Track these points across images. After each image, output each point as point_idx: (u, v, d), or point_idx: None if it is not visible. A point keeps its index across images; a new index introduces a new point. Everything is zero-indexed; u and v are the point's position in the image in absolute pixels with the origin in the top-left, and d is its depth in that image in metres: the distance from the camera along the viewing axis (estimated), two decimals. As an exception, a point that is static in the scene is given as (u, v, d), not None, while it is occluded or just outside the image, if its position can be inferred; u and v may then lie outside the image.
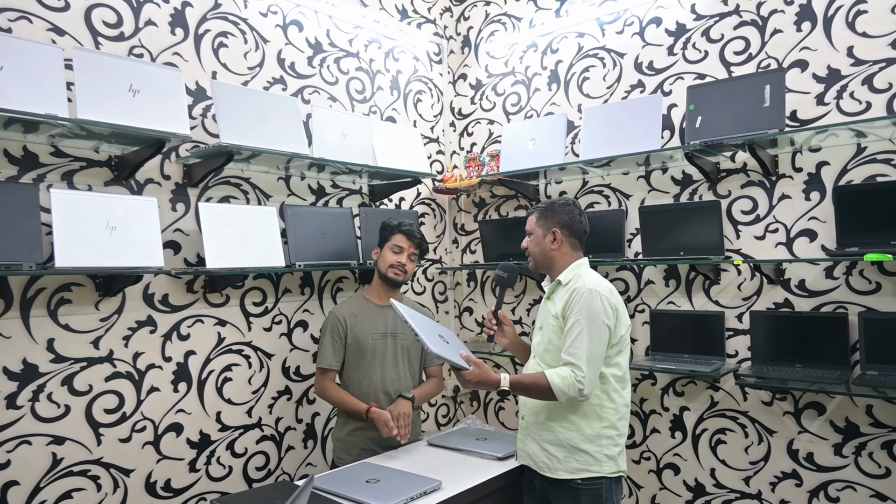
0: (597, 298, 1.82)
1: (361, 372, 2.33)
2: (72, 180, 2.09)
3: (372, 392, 2.31)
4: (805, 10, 2.40)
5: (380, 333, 2.37)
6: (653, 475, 2.80)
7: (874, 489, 2.24)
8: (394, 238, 2.38)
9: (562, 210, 2.00)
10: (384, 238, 2.41)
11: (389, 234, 2.39)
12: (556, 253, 1.97)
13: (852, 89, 2.29)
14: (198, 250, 2.39)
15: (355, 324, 2.35)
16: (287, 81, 2.75)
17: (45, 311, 2.02)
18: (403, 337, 2.41)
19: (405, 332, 2.40)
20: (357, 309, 2.39)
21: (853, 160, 2.30)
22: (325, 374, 2.34)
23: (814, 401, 2.37)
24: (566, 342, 1.82)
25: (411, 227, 2.40)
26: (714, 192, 2.63)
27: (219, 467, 2.43)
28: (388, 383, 2.34)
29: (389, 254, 2.37)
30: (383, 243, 2.41)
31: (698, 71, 2.67)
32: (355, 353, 2.34)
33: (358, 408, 2.25)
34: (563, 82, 3.14)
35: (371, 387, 2.32)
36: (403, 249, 2.37)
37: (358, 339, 2.34)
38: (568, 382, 1.75)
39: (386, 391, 2.33)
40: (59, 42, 2.06)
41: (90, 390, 2.11)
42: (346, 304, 2.43)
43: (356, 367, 2.34)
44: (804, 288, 2.39)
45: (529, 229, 2.04)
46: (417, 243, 2.41)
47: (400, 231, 2.38)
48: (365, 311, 2.39)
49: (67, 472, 2.04)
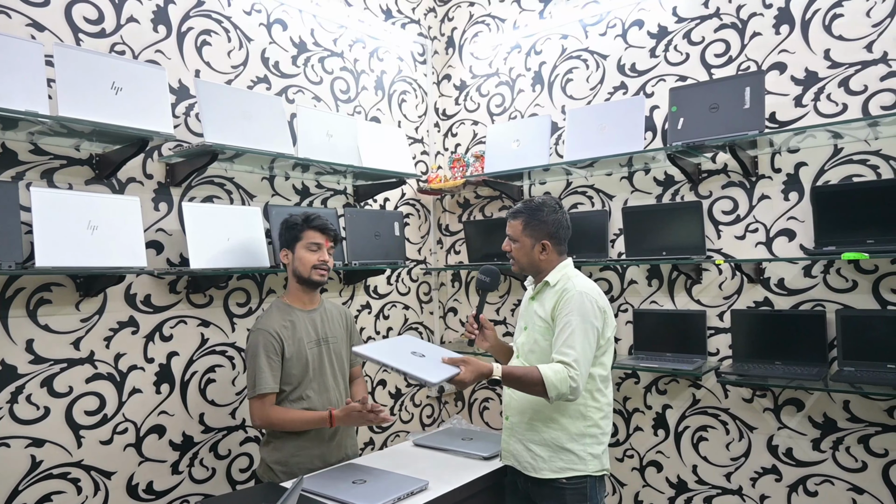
0: (586, 300, 1.83)
1: (304, 386, 2.09)
2: (52, 179, 2.06)
3: (320, 405, 2.10)
4: (783, 14, 2.45)
5: (313, 341, 2.15)
6: (636, 473, 2.82)
7: (851, 483, 2.29)
8: (306, 235, 2.12)
9: (550, 218, 1.94)
10: (293, 237, 2.14)
11: (299, 231, 2.13)
12: (544, 262, 1.96)
13: (829, 91, 2.34)
14: (181, 250, 2.36)
15: (288, 335, 2.08)
16: (271, 80, 2.73)
17: (24, 311, 1.99)
18: (334, 340, 2.21)
19: (335, 336, 2.22)
20: (285, 320, 2.11)
21: (830, 161, 2.35)
22: (264, 400, 2.01)
23: (793, 397, 2.41)
24: (558, 342, 1.82)
25: (322, 219, 2.15)
26: (695, 193, 2.66)
27: (202, 469, 2.40)
28: (331, 393, 2.16)
29: (306, 253, 2.11)
30: (293, 243, 2.14)
31: (680, 73, 2.71)
32: (295, 368, 2.08)
33: (319, 419, 2.01)
34: (547, 83, 3.16)
35: (318, 399, 2.10)
36: (321, 245, 2.13)
37: (296, 352, 2.08)
38: (561, 377, 1.73)
39: (330, 401, 2.14)
40: (38, 38, 2.03)
41: (70, 392, 2.07)
42: (270, 316, 2.11)
43: (297, 382, 2.08)
44: (783, 286, 2.44)
45: (515, 236, 1.97)
46: (333, 236, 2.17)
47: (311, 226, 2.13)
48: (294, 319, 2.12)
49: (47, 474, 2.01)
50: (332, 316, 2.26)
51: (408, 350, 1.85)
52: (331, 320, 2.24)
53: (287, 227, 2.16)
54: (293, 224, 2.15)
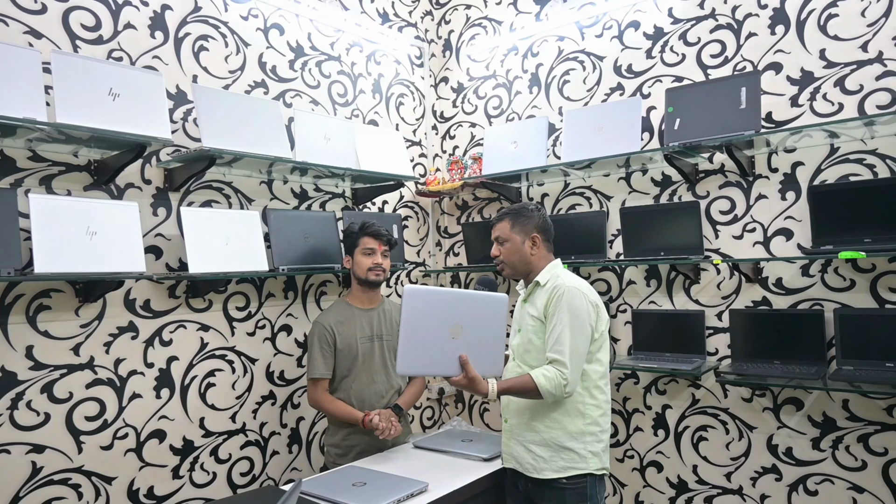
0: (577, 296, 1.85)
1: (352, 377, 2.35)
2: (50, 185, 2.06)
3: (366, 395, 2.34)
4: (779, 14, 2.45)
5: (366, 337, 2.40)
6: (636, 473, 2.83)
7: (851, 482, 2.29)
8: (362, 242, 2.39)
9: (534, 214, 2.00)
10: (352, 244, 2.42)
11: (356, 238, 2.40)
12: (535, 257, 1.99)
13: (825, 91, 2.35)
14: (180, 255, 2.37)
15: (342, 330, 2.35)
16: (268, 85, 2.74)
17: (23, 317, 1.99)
18: (389, 338, 2.44)
19: (390, 333, 2.44)
20: (342, 316, 2.40)
21: (827, 160, 2.35)
22: (317, 384, 2.34)
23: (792, 396, 2.41)
24: (550, 340, 1.83)
25: (375, 226, 2.41)
26: (693, 193, 2.67)
27: (202, 474, 2.41)
28: (378, 385, 2.37)
29: (363, 258, 2.39)
30: (352, 249, 2.42)
31: (676, 74, 2.72)
32: (345, 360, 2.35)
33: (354, 417, 2.27)
34: (544, 85, 3.17)
35: (363, 390, 2.35)
36: (375, 250, 2.39)
37: (347, 345, 2.35)
38: (554, 383, 1.77)
39: (378, 392, 2.37)
40: (36, 45, 2.04)
41: (70, 397, 2.08)
42: (330, 311, 2.42)
43: (347, 372, 2.35)
44: (781, 286, 2.44)
45: (504, 236, 2.00)
46: (387, 240, 2.42)
47: (366, 233, 2.39)
48: (349, 316, 2.40)
49: (48, 480, 2.01)
50: (390, 316, 2.49)
51: (453, 319, 1.72)
52: (388, 320, 2.48)
53: (346, 235, 2.45)
54: (350, 233, 2.43)
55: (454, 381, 1.77)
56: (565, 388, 1.77)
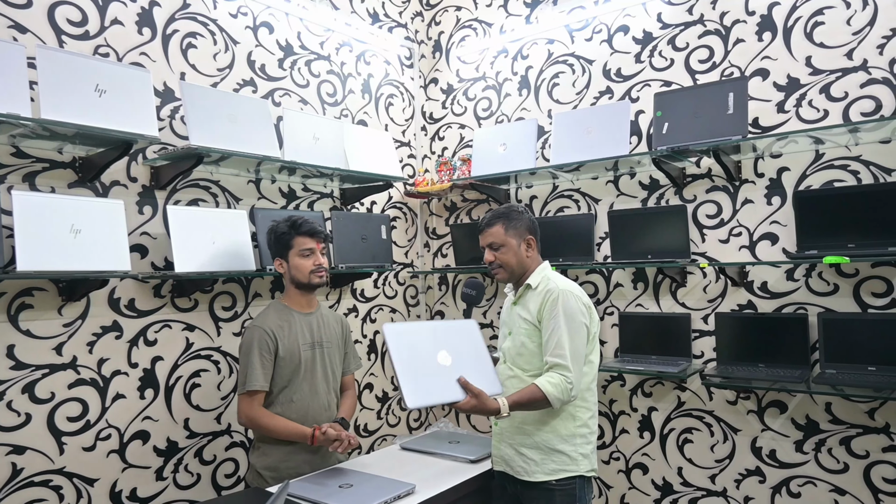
0: (571, 299, 1.86)
1: (293, 388, 2.10)
2: (34, 182, 2.03)
3: (310, 408, 2.11)
4: (766, 21, 2.48)
5: (308, 344, 2.16)
6: (622, 475, 2.84)
7: (833, 484, 2.32)
8: (297, 242, 2.13)
9: (523, 217, 2.00)
10: (284, 246, 2.14)
11: (289, 239, 2.13)
12: (530, 259, 1.99)
13: (811, 98, 2.38)
14: (165, 254, 2.34)
15: (284, 336, 2.10)
16: (257, 83, 2.72)
17: (5, 316, 1.96)
18: (328, 345, 2.23)
19: (330, 340, 2.23)
20: (282, 320, 2.13)
21: (812, 166, 2.38)
22: (253, 397, 2.03)
23: (776, 399, 2.44)
24: (549, 345, 1.84)
25: (309, 223, 2.15)
26: (680, 197, 2.69)
27: (187, 475, 2.38)
28: (321, 397, 2.16)
29: (302, 260, 2.12)
30: (285, 251, 2.15)
31: (664, 78, 2.74)
32: (286, 368, 2.09)
33: (301, 432, 2.02)
34: (534, 88, 3.18)
35: (307, 402, 2.11)
36: (314, 250, 2.14)
37: (289, 352, 2.09)
38: (560, 389, 1.77)
39: (322, 405, 2.15)
40: (21, 40, 2.01)
41: (52, 398, 2.05)
42: (267, 315, 2.14)
43: (286, 383, 2.09)
44: (766, 290, 2.47)
45: (499, 241, 1.97)
46: (324, 238, 2.18)
47: (300, 233, 2.13)
48: (290, 321, 2.15)
49: (28, 482, 1.98)
50: (328, 321, 2.27)
51: (438, 347, 1.76)
52: (327, 325, 2.25)
53: (276, 236, 2.16)
54: (282, 233, 2.15)
55: (462, 406, 1.71)
56: (571, 391, 1.78)
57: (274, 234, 2.17)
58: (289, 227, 2.14)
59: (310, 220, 2.18)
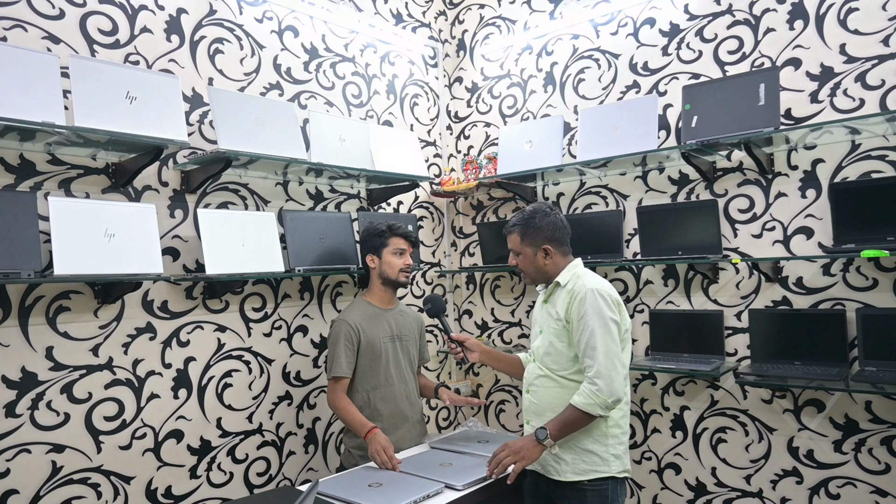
0: (599, 297, 1.83)
1: (375, 377, 2.33)
2: (69, 188, 2.09)
3: (388, 395, 2.34)
4: (797, 9, 2.41)
5: (388, 337, 2.38)
6: (654, 475, 2.80)
7: (874, 485, 2.24)
8: (392, 242, 2.38)
9: (544, 223, 1.96)
10: (379, 244, 2.39)
11: (385, 238, 2.38)
12: (550, 266, 1.98)
13: (845, 86, 2.30)
14: (196, 256, 2.38)
15: (366, 328, 2.33)
16: (283, 87, 2.75)
17: (43, 318, 2.02)
18: (406, 339, 2.44)
19: (408, 334, 2.45)
20: (364, 314, 2.37)
21: (848, 157, 2.31)
22: (338, 383, 2.28)
23: (813, 398, 2.37)
24: (580, 346, 1.83)
25: (404, 227, 2.42)
26: (711, 192, 2.64)
27: (220, 473, 2.42)
28: (395, 386, 2.36)
29: (394, 258, 2.37)
30: (379, 249, 2.39)
31: (693, 71, 2.68)
32: (369, 359, 2.32)
33: (361, 423, 2.18)
34: (559, 84, 3.15)
35: (385, 390, 2.34)
36: (405, 251, 2.39)
37: (371, 344, 2.32)
38: (590, 399, 1.77)
39: (394, 394, 2.36)
40: (54, 50, 2.06)
41: (90, 398, 2.10)
42: (352, 310, 2.39)
43: (370, 372, 2.33)
44: (802, 285, 2.40)
45: (516, 249, 2.01)
46: (414, 241, 2.44)
47: (396, 234, 2.39)
48: (372, 315, 2.38)
49: (67, 479, 2.04)
50: (406, 317, 2.50)
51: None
52: (406, 321, 2.48)
53: (373, 234, 2.41)
54: (379, 232, 2.39)
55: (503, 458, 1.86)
56: (602, 393, 1.76)
57: (372, 231, 2.41)
58: (387, 227, 2.40)
59: (406, 224, 2.45)
